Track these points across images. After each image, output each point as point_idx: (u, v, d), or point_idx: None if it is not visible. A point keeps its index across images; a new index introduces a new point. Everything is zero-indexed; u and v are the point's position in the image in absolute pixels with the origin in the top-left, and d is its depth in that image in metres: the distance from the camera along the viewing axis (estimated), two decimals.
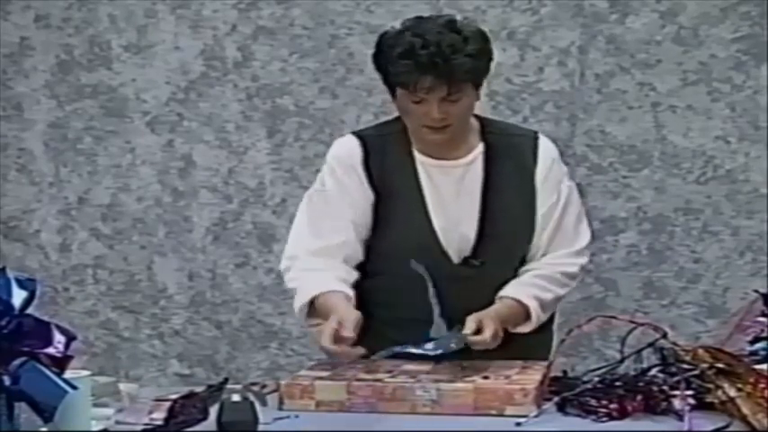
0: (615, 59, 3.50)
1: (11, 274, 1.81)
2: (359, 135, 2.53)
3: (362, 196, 2.47)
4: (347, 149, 2.50)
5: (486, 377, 2.17)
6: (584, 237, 2.56)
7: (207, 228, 3.76)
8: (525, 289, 2.44)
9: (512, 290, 2.44)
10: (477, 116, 2.53)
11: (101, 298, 3.84)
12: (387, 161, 2.48)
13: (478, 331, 2.29)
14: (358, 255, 2.49)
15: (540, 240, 2.50)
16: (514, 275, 2.49)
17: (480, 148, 2.49)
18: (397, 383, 2.15)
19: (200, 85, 3.73)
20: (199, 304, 3.78)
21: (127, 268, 3.81)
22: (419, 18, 2.43)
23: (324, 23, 3.63)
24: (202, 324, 3.79)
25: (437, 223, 2.44)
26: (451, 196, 2.46)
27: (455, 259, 2.45)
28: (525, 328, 2.44)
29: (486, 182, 2.47)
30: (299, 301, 2.44)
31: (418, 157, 2.48)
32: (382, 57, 2.41)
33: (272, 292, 3.65)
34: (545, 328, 2.55)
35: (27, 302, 1.80)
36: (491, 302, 2.40)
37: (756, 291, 2.40)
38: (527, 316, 2.43)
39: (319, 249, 2.46)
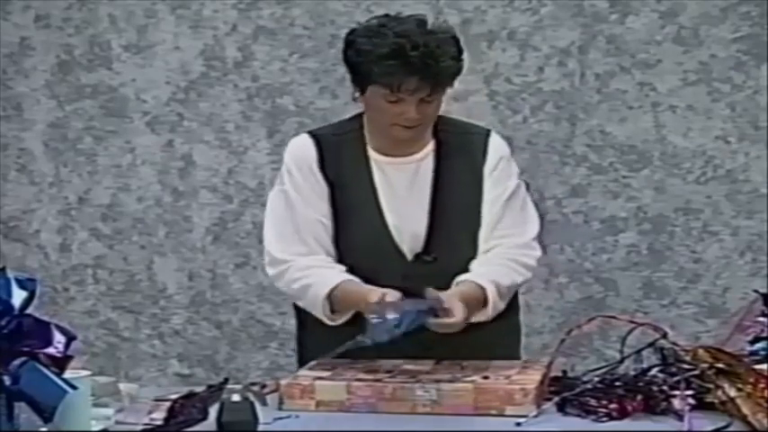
0: (615, 59, 3.50)
1: (11, 274, 1.81)
2: (314, 135, 2.54)
3: (321, 196, 2.47)
4: (303, 151, 2.51)
5: (485, 377, 2.17)
6: (530, 229, 2.54)
7: (207, 228, 3.76)
8: (482, 273, 2.42)
9: (469, 274, 2.42)
10: None
11: (101, 298, 3.84)
12: (341, 161, 2.49)
13: (446, 313, 2.26)
14: (332, 250, 2.49)
15: (485, 231, 2.49)
16: (467, 270, 2.49)
17: (432, 145, 2.51)
18: (397, 383, 2.15)
19: (200, 85, 3.73)
20: (199, 304, 3.78)
21: (127, 268, 3.82)
22: (389, 17, 2.43)
23: (324, 23, 3.63)
24: (202, 324, 3.79)
25: (390, 220, 2.45)
26: (404, 193, 2.48)
27: (408, 256, 2.46)
28: (482, 316, 2.39)
29: (436, 178, 2.48)
30: (318, 295, 2.41)
31: (372, 155, 2.49)
32: (358, 54, 2.40)
33: (272, 292, 3.64)
34: (510, 321, 2.56)
35: (27, 302, 1.80)
36: None
37: (756, 291, 2.40)
38: (484, 301, 2.40)
39: (306, 251, 2.46)
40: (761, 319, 2.31)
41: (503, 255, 2.47)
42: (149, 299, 3.81)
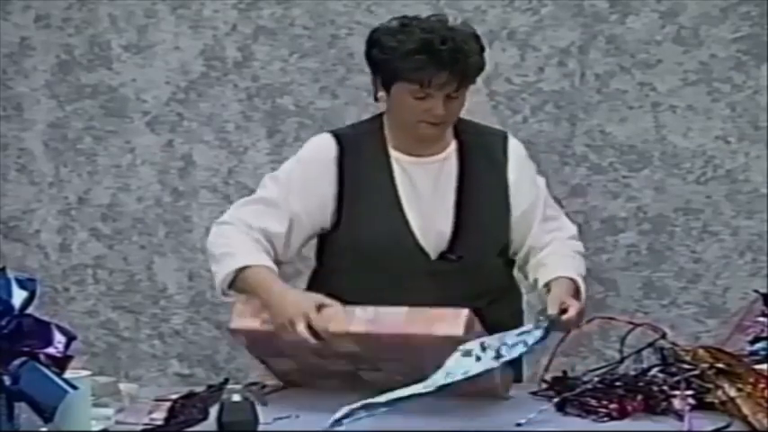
0: (615, 59, 3.50)
1: (11, 274, 1.81)
2: (335, 134, 2.55)
3: (320, 199, 2.47)
4: (324, 146, 2.51)
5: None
6: (569, 223, 2.64)
7: (207, 228, 3.72)
8: (566, 267, 2.45)
9: (556, 270, 2.43)
10: None
11: (101, 298, 3.84)
12: (361, 160, 2.49)
13: (563, 312, 2.27)
14: (281, 250, 2.46)
15: (537, 228, 2.53)
16: (490, 269, 2.50)
17: (454, 145, 2.53)
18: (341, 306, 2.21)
19: (200, 85, 3.73)
20: (199, 304, 3.78)
21: (127, 268, 3.81)
22: (408, 17, 2.45)
23: (324, 23, 3.63)
24: (202, 324, 3.79)
25: (413, 219, 2.46)
26: (428, 192, 2.48)
27: (432, 255, 2.46)
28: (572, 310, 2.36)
29: (460, 177, 2.50)
30: (229, 267, 2.38)
31: (393, 154, 2.50)
32: (383, 52, 2.41)
33: None
34: (513, 307, 2.61)
35: (27, 302, 1.80)
36: (468, 297, 2.32)
37: (756, 291, 2.41)
38: (576, 293, 2.41)
39: (258, 229, 2.44)
40: (761, 319, 2.31)
41: (567, 247, 2.53)
42: (149, 299, 3.81)
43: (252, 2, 3.67)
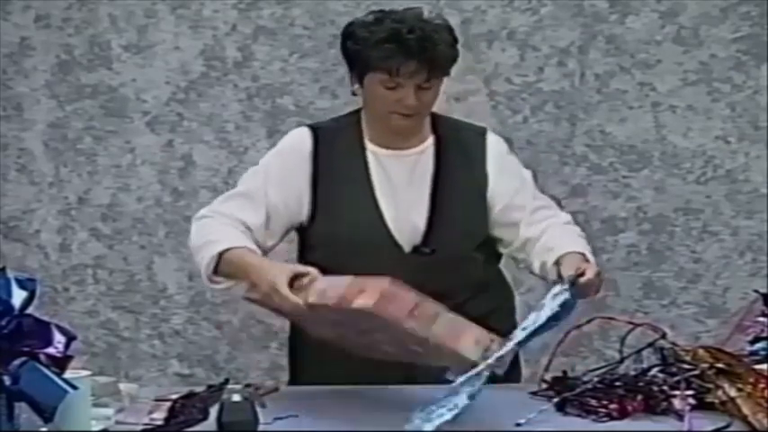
0: (615, 59, 3.50)
1: (11, 274, 1.81)
2: (312, 127, 2.58)
3: (296, 190, 2.49)
4: (300, 139, 2.54)
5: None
6: (562, 212, 2.61)
7: None
8: (575, 244, 2.41)
9: (562, 248, 2.38)
10: None
11: (101, 298, 3.84)
12: (335, 152, 2.51)
13: (580, 276, 2.22)
14: (261, 239, 2.47)
15: (526, 219, 2.50)
16: (467, 264, 2.50)
17: (431, 139, 2.53)
18: None
19: (200, 85, 3.72)
20: (199, 304, 3.78)
21: (127, 268, 3.81)
22: (385, 10, 2.47)
23: (324, 23, 3.63)
24: (202, 324, 3.78)
25: (387, 212, 2.46)
26: (403, 184, 2.49)
27: (406, 248, 2.46)
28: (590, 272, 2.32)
29: (436, 171, 2.50)
30: (213, 250, 2.41)
31: (369, 146, 2.52)
32: (355, 43, 2.44)
33: None
34: (507, 305, 2.60)
35: (27, 302, 1.80)
36: (444, 292, 2.25)
37: (756, 291, 2.41)
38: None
39: (236, 217, 2.47)
40: (761, 319, 2.31)
41: (567, 230, 2.50)
42: (149, 299, 3.81)
43: (252, 2, 3.67)
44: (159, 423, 2.02)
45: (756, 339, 2.28)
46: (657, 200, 3.52)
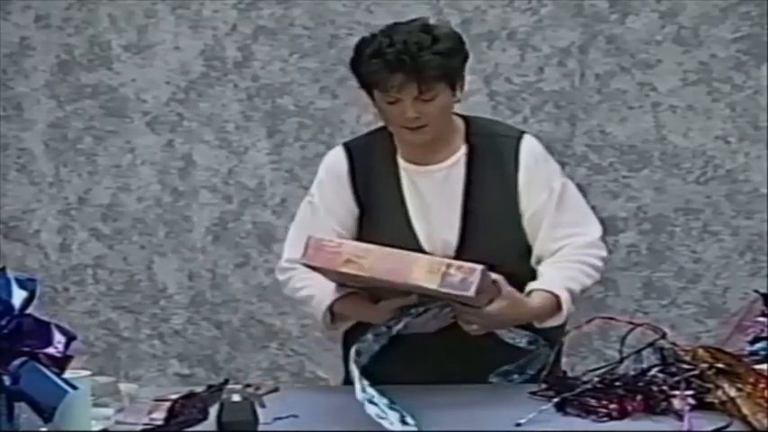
0: (615, 59, 3.50)
1: (11, 274, 1.81)
2: (347, 146, 2.56)
3: (347, 209, 2.50)
4: (335, 162, 2.54)
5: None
6: (594, 229, 2.52)
7: (207, 228, 3.76)
8: (553, 280, 2.39)
9: (541, 282, 2.39)
10: (463, 117, 2.52)
11: (101, 298, 3.84)
12: (371, 171, 2.50)
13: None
14: None
15: (543, 235, 2.46)
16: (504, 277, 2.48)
17: (463, 150, 2.48)
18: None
19: (200, 85, 3.73)
20: (199, 304, 3.78)
21: (127, 268, 3.81)
22: (396, 23, 2.45)
23: (324, 23, 3.63)
24: (202, 324, 3.79)
25: (419, 229, 2.45)
26: (433, 200, 2.46)
27: None
28: (554, 322, 2.37)
29: (467, 185, 2.46)
30: (321, 304, 2.44)
31: (402, 163, 2.49)
32: (354, 60, 2.44)
33: (272, 292, 3.64)
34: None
35: (27, 302, 1.80)
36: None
37: (756, 291, 2.40)
38: (558, 307, 2.36)
39: None
40: (761, 319, 2.31)
41: (571, 256, 2.44)
42: (149, 299, 3.81)
43: (252, 2, 3.67)
44: (159, 423, 2.02)
45: (756, 339, 2.28)
46: (657, 200, 3.52)
